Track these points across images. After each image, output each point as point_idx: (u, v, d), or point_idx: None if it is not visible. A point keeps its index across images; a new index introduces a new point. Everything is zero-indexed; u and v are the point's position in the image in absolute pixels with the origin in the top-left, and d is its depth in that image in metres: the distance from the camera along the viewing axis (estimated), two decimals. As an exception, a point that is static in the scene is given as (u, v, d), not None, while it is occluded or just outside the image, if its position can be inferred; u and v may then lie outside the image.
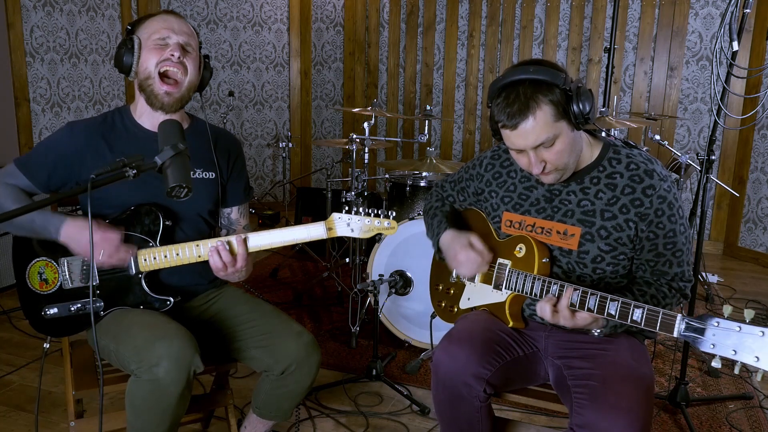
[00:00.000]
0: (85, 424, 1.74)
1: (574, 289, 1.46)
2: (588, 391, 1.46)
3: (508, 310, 1.66)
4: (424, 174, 3.14)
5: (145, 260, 1.67)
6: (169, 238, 1.72)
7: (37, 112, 3.98)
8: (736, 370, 1.23)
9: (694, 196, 2.41)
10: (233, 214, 1.89)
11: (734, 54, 2.18)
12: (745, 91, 4.17)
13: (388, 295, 2.73)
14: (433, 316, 1.97)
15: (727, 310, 1.25)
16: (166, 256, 1.67)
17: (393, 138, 5.08)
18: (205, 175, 1.79)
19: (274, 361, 1.71)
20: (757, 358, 1.19)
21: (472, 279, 1.77)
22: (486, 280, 1.71)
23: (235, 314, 1.80)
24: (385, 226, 1.64)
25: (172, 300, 1.71)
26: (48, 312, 1.67)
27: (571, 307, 1.46)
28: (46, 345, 1.75)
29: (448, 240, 1.76)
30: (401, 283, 2.72)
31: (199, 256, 1.66)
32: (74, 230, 1.61)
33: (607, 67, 3.87)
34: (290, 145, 4.56)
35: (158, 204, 1.70)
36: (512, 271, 1.63)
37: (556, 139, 1.47)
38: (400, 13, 5.21)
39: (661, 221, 1.53)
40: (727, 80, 2.24)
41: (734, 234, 4.51)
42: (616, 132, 3.19)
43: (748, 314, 1.22)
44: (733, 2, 2.12)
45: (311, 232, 1.64)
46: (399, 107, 5.34)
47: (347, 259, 3.42)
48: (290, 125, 5.54)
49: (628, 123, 3.24)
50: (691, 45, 4.48)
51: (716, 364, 1.25)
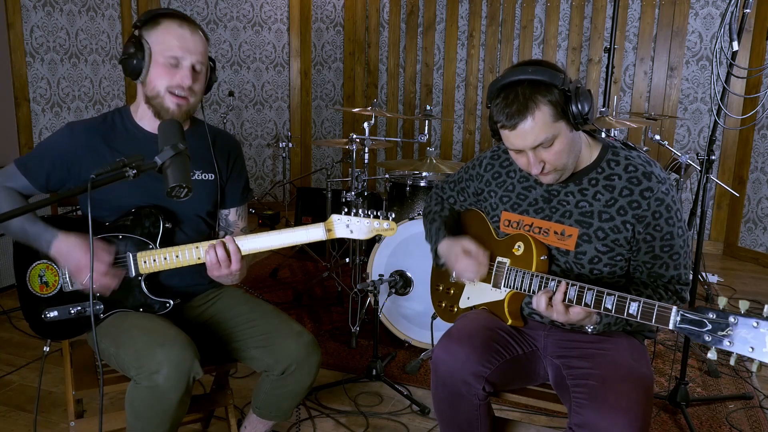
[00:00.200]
0: (85, 424, 1.74)
1: (571, 284, 1.46)
2: (587, 391, 1.46)
3: (507, 308, 1.66)
4: (424, 174, 3.14)
5: (145, 263, 1.67)
6: (170, 240, 1.72)
7: (37, 112, 3.98)
8: (732, 361, 1.25)
9: (694, 196, 2.41)
10: (231, 215, 1.88)
11: (734, 54, 2.18)
12: (745, 91, 4.17)
13: (388, 295, 2.74)
14: (434, 317, 1.97)
15: (722, 302, 1.26)
16: (165, 259, 1.67)
17: (393, 138, 5.07)
18: (205, 177, 1.79)
19: (274, 361, 1.71)
20: (752, 348, 1.20)
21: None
22: (485, 279, 1.72)
23: (235, 314, 1.80)
24: (385, 228, 1.64)
25: (171, 302, 1.71)
26: (48, 315, 1.66)
27: (567, 303, 1.46)
28: (46, 348, 1.74)
29: (445, 249, 1.78)
30: (401, 283, 2.72)
31: (199, 258, 1.66)
32: (65, 247, 1.60)
33: (607, 67, 3.87)
34: (290, 145, 4.56)
35: (158, 206, 1.70)
36: (511, 269, 1.63)
37: (555, 140, 1.48)
38: (400, 13, 5.21)
39: (658, 224, 1.53)
40: (727, 80, 2.24)
41: (734, 234, 4.51)
42: (616, 132, 3.19)
43: (743, 306, 1.24)
44: (733, 2, 2.12)
45: (310, 234, 1.63)
46: (399, 107, 5.34)
47: (347, 259, 3.42)
48: (290, 125, 5.54)
49: (628, 123, 3.24)
50: (691, 45, 4.47)
51: (712, 355, 1.27)
